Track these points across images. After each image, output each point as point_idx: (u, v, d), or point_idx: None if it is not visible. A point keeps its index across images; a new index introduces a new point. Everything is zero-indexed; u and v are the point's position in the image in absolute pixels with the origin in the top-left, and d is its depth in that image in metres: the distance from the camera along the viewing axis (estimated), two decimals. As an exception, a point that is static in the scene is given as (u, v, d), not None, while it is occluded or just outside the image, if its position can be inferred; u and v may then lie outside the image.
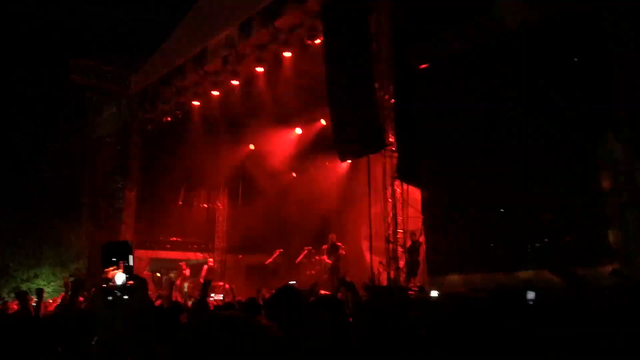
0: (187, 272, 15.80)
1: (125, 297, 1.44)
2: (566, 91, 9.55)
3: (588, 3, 8.69)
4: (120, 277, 1.49)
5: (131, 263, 1.48)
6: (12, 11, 18.05)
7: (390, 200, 10.96)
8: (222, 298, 13.18)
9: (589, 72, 9.04)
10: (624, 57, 8.39)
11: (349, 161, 14.20)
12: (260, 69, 13.94)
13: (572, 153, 9.30)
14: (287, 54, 13.17)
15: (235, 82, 14.73)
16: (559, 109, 9.47)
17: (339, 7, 11.07)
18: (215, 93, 15.50)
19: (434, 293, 9.78)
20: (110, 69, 17.58)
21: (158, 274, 18.04)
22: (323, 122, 15.48)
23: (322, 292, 8.84)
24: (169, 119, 17.30)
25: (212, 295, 13.25)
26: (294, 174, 18.31)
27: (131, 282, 1.46)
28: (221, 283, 14.98)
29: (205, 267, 16.18)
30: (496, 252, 10.29)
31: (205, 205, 19.70)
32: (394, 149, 11.02)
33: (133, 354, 1.35)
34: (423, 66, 11.39)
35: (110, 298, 1.45)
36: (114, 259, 1.50)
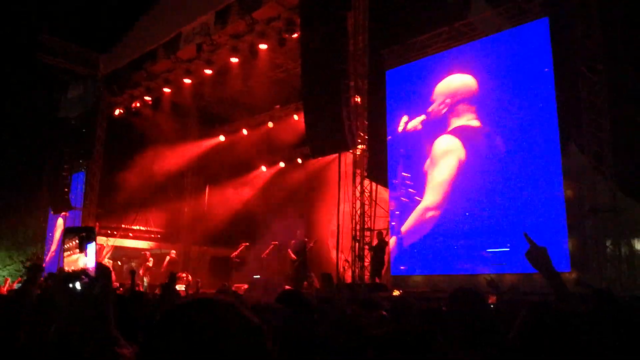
0: (151, 262, 15.51)
1: (88, 284, 1.37)
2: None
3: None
4: (81, 263, 1.41)
5: (94, 249, 1.41)
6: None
7: (358, 198, 11.02)
8: (184, 289, 12.99)
9: (557, 84, 9.29)
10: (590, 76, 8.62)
11: (320, 158, 14.18)
12: (234, 60, 13.76)
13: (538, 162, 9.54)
14: (263, 46, 13.05)
15: (208, 71, 14.51)
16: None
17: (317, 2, 11.02)
18: (188, 81, 15.24)
19: (396, 292, 9.89)
20: (79, 49, 17.07)
21: (119, 263, 17.65)
22: (296, 117, 15.42)
23: (287, 287, 8.82)
24: (138, 104, 16.92)
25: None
26: (264, 168, 18.20)
27: (93, 269, 1.39)
28: (183, 274, 14.77)
29: (168, 258, 15.92)
30: (459, 254, 10.47)
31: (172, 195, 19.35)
32: (365, 147, 11.07)
33: (94, 343, 1.28)
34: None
35: (71, 285, 1.38)
36: (75, 244, 1.42)
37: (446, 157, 10.83)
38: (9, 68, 17.86)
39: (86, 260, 1.43)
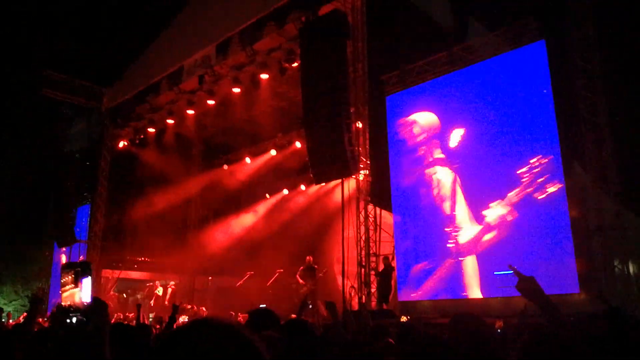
0: (160, 290, 15.43)
1: (83, 318, 1.37)
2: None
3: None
4: (77, 298, 1.41)
5: (89, 284, 1.41)
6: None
7: (362, 223, 10.97)
8: (187, 320, 12.86)
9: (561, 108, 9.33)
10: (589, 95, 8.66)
11: (324, 184, 14.18)
12: (236, 90, 13.92)
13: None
14: (264, 76, 13.21)
15: (211, 102, 14.66)
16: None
17: (316, 31, 11.18)
18: (191, 112, 15.39)
19: (404, 318, 9.76)
20: (83, 83, 17.30)
21: (124, 295, 17.53)
22: (298, 144, 15.49)
23: (293, 315, 8.71)
24: (142, 136, 17.06)
25: (182, 318, 12.92)
26: (268, 196, 18.20)
27: (89, 304, 1.39)
28: (189, 306, 14.64)
29: (170, 290, 15.85)
30: (464, 279, 10.36)
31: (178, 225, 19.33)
32: (368, 172, 11.08)
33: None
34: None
35: (67, 320, 1.37)
36: (71, 279, 1.42)
37: (456, 188, 10.88)
38: (14, 103, 18.11)
39: (81, 294, 1.43)
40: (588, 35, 8.73)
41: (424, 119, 11.69)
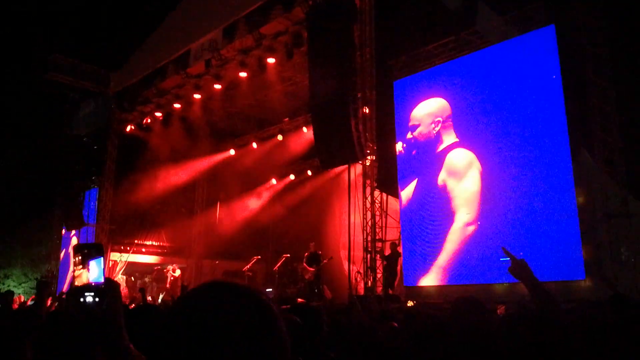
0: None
1: (97, 299, 1.40)
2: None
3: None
4: (85, 279, 1.44)
5: (101, 265, 1.44)
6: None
7: (369, 209, 10.99)
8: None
9: (565, 90, 9.25)
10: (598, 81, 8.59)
11: (330, 169, 14.20)
12: (243, 74, 13.88)
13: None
14: (271, 60, 13.16)
15: (217, 86, 14.64)
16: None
17: (323, 15, 11.11)
18: (197, 96, 15.38)
19: (410, 303, 9.83)
20: (89, 67, 17.31)
21: (132, 278, 17.74)
22: (305, 129, 15.48)
23: (299, 300, 8.80)
24: (149, 120, 17.10)
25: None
26: (274, 181, 18.26)
27: (102, 284, 1.42)
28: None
29: (179, 273, 16.02)
30: (471, 264, 10.39)
31: (183, 210, 19.47)
32: (374, 157, 11.07)
33: (106, 354, 1.30)
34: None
35: (81, 300, 1.41)
36: (79, 260, 1.45)
37: (470, 170, 10.70)
38: (21, 88, 18.16)
39: (89, 275, 1.46)
40: (598, 20, 8.62)
41: (432, 104, 11.61)
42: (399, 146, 11.87)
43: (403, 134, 12.15)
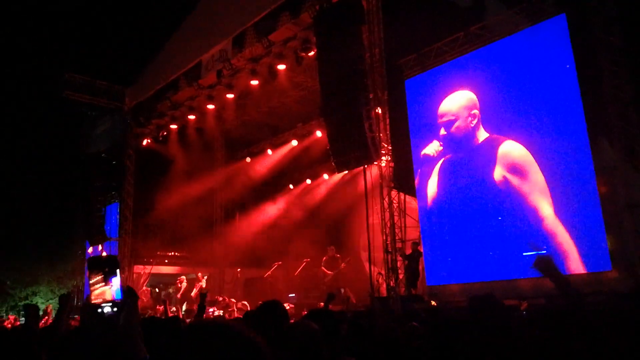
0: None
1: (115, 311, 1.41)
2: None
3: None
4: (108, 295, 1.46)
5: (119, 278, 1.45)
6: (5, 26, 18.10)
7: (387, 210, 10.93)
8: (221, 314, 13.05)
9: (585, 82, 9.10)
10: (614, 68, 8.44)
11: (346, 172, 14.17)
12: (254, 82, 13.96)
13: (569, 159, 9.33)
14: (282, 67, 13.21)
15: (230, 96, 14.74)
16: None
17: (331, 19, 11.11)
18: (211, 107, 15.51)
19: (434, 303, 9.74)
20: (104, 84, 17.56)
21: (157, 290, 17.91)
22: (319, 133, 15.49)
23: (321, 304, 8.78)
24: (164, 133, 17.29)
25: (213, 310, 13.13)
26: (291, 186, 18.29)
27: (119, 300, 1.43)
28: (220, 298, 14.86)
29: (199, 284, 16.12)
30: (494, 261, 10.27)
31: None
32: (390, 158, 11.01)
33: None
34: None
35: (99, 310, 1.42)
36: (101, 279, 1.47)
37: (532, 166, 10.27)
38: (38, 107, 18.50)
39: (112, 291, 1.47)
40: (609, 7, 8.48)
41: (463, 97, 11.44)
42: (435, 145, 11.66)
43: (418, 132, 12.07)
